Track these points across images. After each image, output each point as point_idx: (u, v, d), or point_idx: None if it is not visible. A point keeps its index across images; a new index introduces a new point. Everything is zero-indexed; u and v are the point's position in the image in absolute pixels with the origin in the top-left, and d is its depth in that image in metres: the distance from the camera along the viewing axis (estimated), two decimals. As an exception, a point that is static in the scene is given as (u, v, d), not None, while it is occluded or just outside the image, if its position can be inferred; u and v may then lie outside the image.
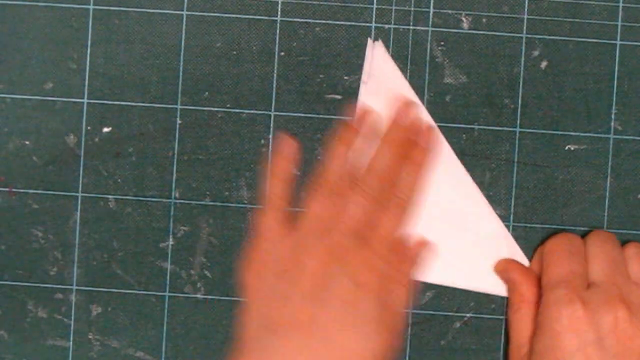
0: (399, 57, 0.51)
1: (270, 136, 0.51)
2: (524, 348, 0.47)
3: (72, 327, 0.51)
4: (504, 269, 0.49)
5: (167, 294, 0.51)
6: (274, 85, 0.51)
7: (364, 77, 0.50)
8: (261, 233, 0.48)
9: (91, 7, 0.51)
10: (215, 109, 0.51)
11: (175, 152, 0.51)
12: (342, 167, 0.48)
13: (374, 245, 0.46)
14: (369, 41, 0.50)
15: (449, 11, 0.51)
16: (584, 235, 0.50)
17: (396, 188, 0.48)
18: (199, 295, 0.51)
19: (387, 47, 0.51)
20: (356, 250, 0.45)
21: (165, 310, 0.51)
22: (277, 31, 0.51)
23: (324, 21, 0.51)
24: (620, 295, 0.45)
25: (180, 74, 0.51)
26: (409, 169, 0.48)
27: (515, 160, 0.51)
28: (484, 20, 0.51)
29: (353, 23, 0.51)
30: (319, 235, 0.46)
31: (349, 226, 0.46)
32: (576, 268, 0.46)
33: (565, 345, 0.44)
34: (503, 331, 0.51)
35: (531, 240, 0.51)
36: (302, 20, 0.51)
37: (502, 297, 0.51)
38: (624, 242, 0.50)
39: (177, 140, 0.51)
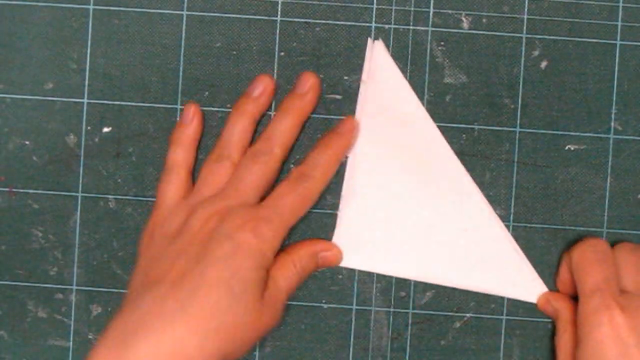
0: (399, 57, 0.51)
1: (270, 136, 0.51)
2: None
3: (72, 327, 0.51)
4: (547, 300, 0.49)
5: (167, 294, 0.51)
6: (274, 85, 0.51)
7: (363, 76, 0.50)
8: (159, 200, 0.48)
9: (91, 7, 0.51)
10: (215, 109, 0.51)
11: (175, 152, 0.51)
12: (238, 134, 0.48)
13: (261, 209, 0.46)
14: (369, 41, 0.50)
15: (449, 11, 0.51)
16: (580, 239, 0.50)
17: (302, 163, 0.48)
18: (199, 295, 0.51)
19: (387, 47, 0.51)
20: (241, 211, 0.45)
21: (165, 310, 0.51)
22: (277, 31, 0.51)
23: (324, 21, 0.51)
24: None
25: (180, 74, 0.51)
26: (319, 148, 0.48)
27: (515, 160, 0.51)
28: (484, 20, 0.51)
29: (353, 23, 0.51)
30: (209, 200, 0.46)
31: (238, 190, 0.46)
32: (608, 274, 0.46)
33: (607, 352, 0.44)
34: (503, 331, 0.51)
35: (531, 240, 0.51)
36: (302, 20, 0.51)
37: (502, 297, 0.51)
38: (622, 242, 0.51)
39: (177, 140, 0.51)
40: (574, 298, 0.48)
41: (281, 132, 0.48)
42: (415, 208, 0.49)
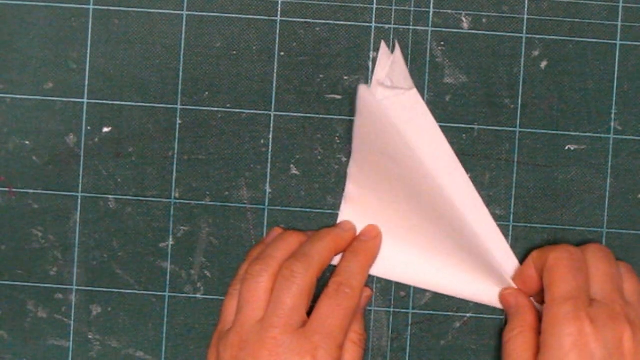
0: (399, 57, 0.51)
1: (270, 136, 0.51)
2: None
3: (72, 327, 0.51)
4: (513, 295, 0.49)
5: (167, 294, 0.51)
6: (274, 85, 0.51)
7: (378, 76, 0.50)
8: (222, 315, 0.48)
9: (91, 7, 0.51)
10: (215, 109, 0.51)
11: (175, 152, 0.51)
12: (283, 250, 0.48)
13: (311, 335, 0.45)
14: (382, 44, 0.50)
15: (449, 11, 0.51)
16: (580, 243, 0.50)
17: (334, 274, 0.48)
18: (198, 295, 0.51)
19: (387, 46, 0.51)
20: (295, 344, 0.45)
21: (165, 310, 0.51)
22: (277, 31, 0.51)
23: (324, 21, 0.51)
24: (623, 313, 0.45)
25: (180, 74, 0.51)
26: (351, 256, 0.49)
27: (515, 160, 0.51)
28: (484, 20, 0.51)
29: (353, 23, 0.51)
30: (257, 328, 0.46)
31: (282, 317, 0.45)
32: (582, 284, 0.46)
33: None
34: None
35: (531, 240, 0.51)
36: (302, 20, 0.51)
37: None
38: (624, 244, 0.51)
39: (177, 140, 0.51)
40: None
41: (316, 250, 0.48)
42: (414, 215, 0.49)
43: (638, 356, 0.44)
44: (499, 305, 0.50)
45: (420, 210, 0.48)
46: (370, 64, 0.51)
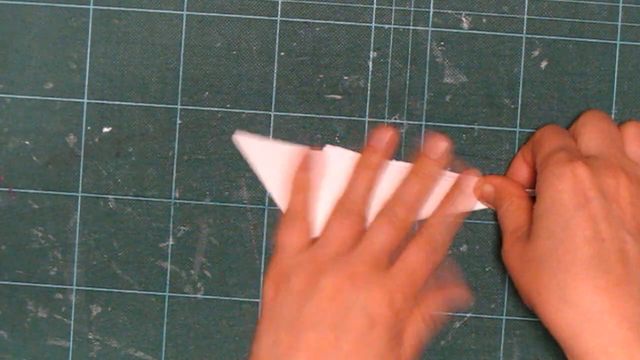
0: (399, 57, 0.51)
1: (270, 136, 0.51)
2: (520, 230, 0.45)
3: (72, 327, 0.51)
4: (484, 182, 0.48)
5: (167, 294, 0.51)
6: (274, 85, 0.51)
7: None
8: (281, 247, 0.48)
9: (91, 7, 0.51)
10: (215, 109, 0.51)
11: (175, 152, 0.51)
12: (367, 189, 0.48)
13: (395, 277, 0.45)
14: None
15: (449, 11, 0.51)
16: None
17: (427, 224, 0.47)
18: (199, 295, 0.51)
19: (387, 47, 0.51)
20: (375, 280, 0.44)
21: (165, 310, 0.51)
22: (277, 31, 0.51)
23: (324, 21, 0.51)
24: (619, 164, 0.43)
25: (180, 74, 0.51)
26: (446, 209, 0.48)
27: (515, 160, 0.51)
28: (484, 20, 0.51)
29: (353, 23, 0.51)
30: (339, 258, 0.45)
31: (370, 252, 0.45)
32: (569, 143, 0.45)
33: (567, 203, 0.42)
34: (503, 331, 0.51)
35: (531, 240, 0.51)
36: (302, 20, 0.51)
37: (502, 297, 0.51)
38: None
39: (177, 140, 0.51)
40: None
41: (413, 195, 0.47)
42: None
43: (634, 208, 0.42)
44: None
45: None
46: (370, 63, 0.51)
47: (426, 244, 0.47)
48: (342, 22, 0.51)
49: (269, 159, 0.51)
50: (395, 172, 0.49)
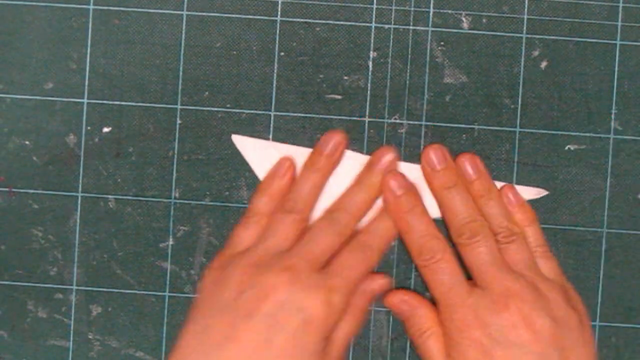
0: (399, 57, 0.51)
1: (270, 136, 0.51)
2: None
3: (72, 327, 0.51)
4: (402, 301, 0.49)
5: (167, 294, 0.51)
6: (274, 85, 0.51)
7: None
8: (234, 241, 0.48)
9: (91, 7, 0.51)
10: (215, 109, 0.51)
11: (175, 152, 0.51)
12: (310, 190, 0.48)
13: (331, 277, 0.46)
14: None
15: (449, 11, 0.51)
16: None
17: (366, 231, 0.48)
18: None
19: (387, 47, 0.51)
20: (312, 280, 0.45)
21: (165, 310, 0.51)
22: (277, 31, 0.51)
23: (324, 21, 0.51)
24: (505, 292, 0.46)
25: (180, 74, 0.51)
26: (382, 218, 0.49)
27: (515, 160, 0.51)
28: (484, 20, 0.51)
29: (353, 23, 0.51)
30: (279, 254, 0.46)
31: (309, 252, 0.46)
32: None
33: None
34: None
35: (531, 240, 0.51)
36: (302, 20, 0.51)
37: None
38: (624, 244, 0.51)
39: (177, 140, 0.51)
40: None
41: (356, 204, 0.48)
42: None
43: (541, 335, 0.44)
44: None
45: None
46: (370, 63, 0.51)
47: (361, 248, 0.47)
48: (342, 22, 0.51)
49: (266, 159, 0.51)
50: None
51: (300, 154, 0.50)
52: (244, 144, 0.51)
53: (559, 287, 0.46)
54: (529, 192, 0.50)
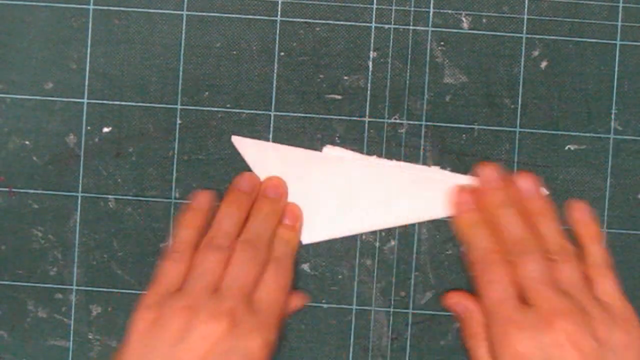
0: (399, 57, 0.51)
1: (270, 136, 0.51)
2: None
3: (72, 327, 0.51)
4: (458, 302, 0.50)
5: (167, 294, 0.51)
6: (274, 85, 0.51)
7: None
8: (162, 279, 0.47)
9: (91, 7, 0.51)
10: (215, 109, 0.51)
11: (175, 152, 0.51)
12: (235, 229, 0.48)
13: (263, 313, 0.46)
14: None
15: (449, 11, 0.51)
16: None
17: (273, 250, 0.48)
18: (199, 295, 0.51)
19: (387, 47, 0.51)
20: (248, 321, 0.45)
21: (165, 310, 0.51)
22: (277, 31, 0.51)
23: (324, 21, 0.51)
24: (550, 311, 0.46)
25: (180, 74, 0.51)
26: (283, 231, 0.49)
27: (515, 160, 0.51)
28: (484, 20, 0.51)
29: (353, 23, 0.51)
30: (210, 294, 0.46)
31: (242, 290, 0.46)
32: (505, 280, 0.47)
33: None
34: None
35: (531, 240, 0.51)
36: (302, 20, 0.51)
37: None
38: (624, 244, 0.51)
39: (177, 140, 0.51)
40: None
41: (266, 230, 0.49)
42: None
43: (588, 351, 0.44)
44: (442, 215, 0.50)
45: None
46: (370, 63, 0.51)
47: (279, 272, 0.48)
48: (342, 22, 0.51)
49: (265, 160, 0.51)
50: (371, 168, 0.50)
51: (298, 156, 0.50)
52: (243, 145, 0.51)
53: (611, 307, 0.46)
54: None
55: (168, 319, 0.45)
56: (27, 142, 0.51)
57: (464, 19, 0.51)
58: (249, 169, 0.51)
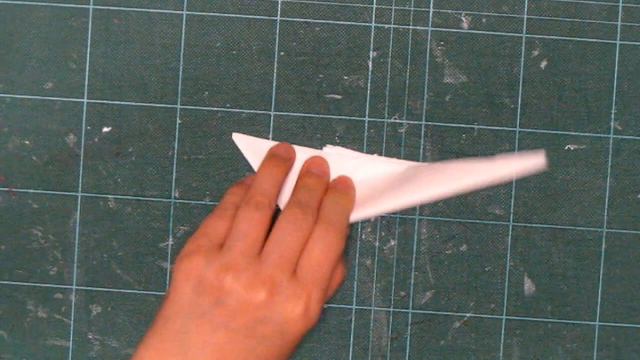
0: (399, 57, 0.51)
1: (270, 136, 0.51)
2: None
3: (72, 327, 0.51)
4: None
5: (167, 294, 0.51)
6: (274, 85, 0.51)
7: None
8: (205, 231, 0.46)
9: (91, 7, 0.51)
10: (215, 109, 0.51)
11: (175, 152, 0.51)
12: (271, 186, 0.47)
13: (305, 281, 0.45)
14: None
15: (449, 11, 0.51)
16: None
17: (324, 213, 0.47)
18: (199, 295, 0.51)
19: (387, 47, 0.51)
20: (288, 290, 0.44)
21: (165, 310, 0.51)
22: (277, 31, 0.51)
23: (324, 21, 0.51)
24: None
25: (180, 74, 0.51)
26: (336, 195, 0.48)
27: (515, 160, 0.51)
28: (484, 20, 0.51)
29: (353, 23, 0.51)
30: (251, 259, 0.45)
31: (284, 258, 0.45)
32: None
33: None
34: (503, 331, 0.51)
35: (531, 240, 0.51)
36: (302, 20, 0.51)
37: (502, 297, 0.51)
38: (624, 244, 0.51)
39: (177, 140, 0.51)
40: None
41: (314, 195, 0.48)
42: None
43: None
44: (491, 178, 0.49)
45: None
46: (370, 63, 0.51)
47: (328, 232, 0.46)
48: (342, 22, 0.51)
49: (264, 156, 0.51)
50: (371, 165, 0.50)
51: (300, 154, 0.50)
52: (244, 142, 0.51)
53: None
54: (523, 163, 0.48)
55: (207, 278, 0.44)
56: (27, 142, 0.51)
57: (464, 19, 0.51)
58: (249, 169, 0.51)
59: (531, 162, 0.47)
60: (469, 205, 0.51)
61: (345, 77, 0.51)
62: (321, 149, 0.51)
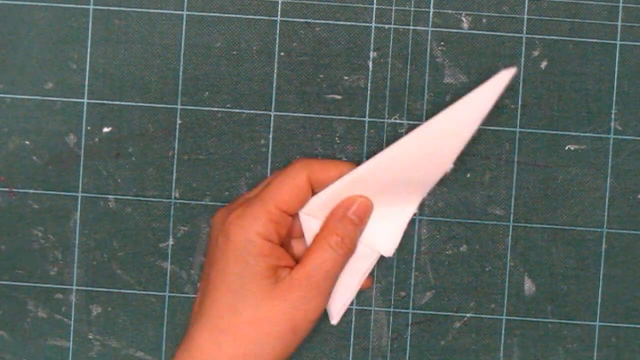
0: (399, 57, 0.51)
1: (270, 136, 0.51)
2: None
3: (72, 327, 0.51)
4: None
5: (167, 294, 0.51)
6: (274, 85, 0.51)
7: None
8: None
9: (91, 7, 0.51)
10: (215, 109, 0.51)
11: (175, 152, 0.51)
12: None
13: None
14: None
15: (449, 11, 0.51)
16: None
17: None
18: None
19: (387, 47, 0.51)
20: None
21: (165, 310, 0.51)
22: (277, 31, 0.51)
23: (324, 21, 0.51)
24: None
25: (180, 74, 0.51)
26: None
27: (515, 160, 0.51)
28: (484, 20, 0.51)
29: (353, 23, 0.51)
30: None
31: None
32: None
33: None
34: (503, 331, 0.51)
35: (531, 240, 0.51)
36: (302, 20, 0.51)
37: (502, 297, 0.51)
38: (624, 244, 0.51)
39: (177, 140, 0.51)
40: None
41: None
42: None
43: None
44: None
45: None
46: (370, 63, 0.51)
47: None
48: (342, 22, 0.51)
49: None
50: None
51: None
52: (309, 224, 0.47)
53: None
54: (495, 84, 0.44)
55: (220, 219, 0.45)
56: (27, 142, 0.51)
57: (464, 19, 0.51)
58: (249, 169, 0.51)
59: (502, 77, 0.43)
60: (469, 205, 0.51)
61: (345, 77, 0.51)
62: (321, 148, 0.51)
